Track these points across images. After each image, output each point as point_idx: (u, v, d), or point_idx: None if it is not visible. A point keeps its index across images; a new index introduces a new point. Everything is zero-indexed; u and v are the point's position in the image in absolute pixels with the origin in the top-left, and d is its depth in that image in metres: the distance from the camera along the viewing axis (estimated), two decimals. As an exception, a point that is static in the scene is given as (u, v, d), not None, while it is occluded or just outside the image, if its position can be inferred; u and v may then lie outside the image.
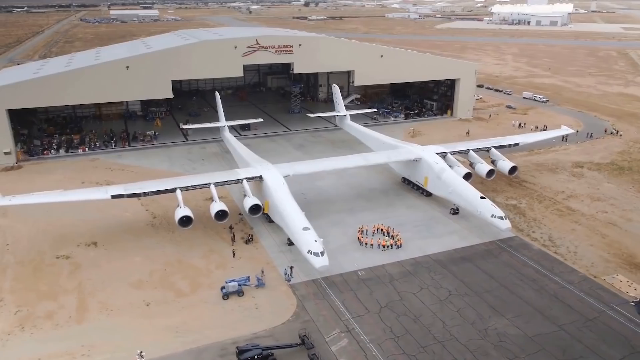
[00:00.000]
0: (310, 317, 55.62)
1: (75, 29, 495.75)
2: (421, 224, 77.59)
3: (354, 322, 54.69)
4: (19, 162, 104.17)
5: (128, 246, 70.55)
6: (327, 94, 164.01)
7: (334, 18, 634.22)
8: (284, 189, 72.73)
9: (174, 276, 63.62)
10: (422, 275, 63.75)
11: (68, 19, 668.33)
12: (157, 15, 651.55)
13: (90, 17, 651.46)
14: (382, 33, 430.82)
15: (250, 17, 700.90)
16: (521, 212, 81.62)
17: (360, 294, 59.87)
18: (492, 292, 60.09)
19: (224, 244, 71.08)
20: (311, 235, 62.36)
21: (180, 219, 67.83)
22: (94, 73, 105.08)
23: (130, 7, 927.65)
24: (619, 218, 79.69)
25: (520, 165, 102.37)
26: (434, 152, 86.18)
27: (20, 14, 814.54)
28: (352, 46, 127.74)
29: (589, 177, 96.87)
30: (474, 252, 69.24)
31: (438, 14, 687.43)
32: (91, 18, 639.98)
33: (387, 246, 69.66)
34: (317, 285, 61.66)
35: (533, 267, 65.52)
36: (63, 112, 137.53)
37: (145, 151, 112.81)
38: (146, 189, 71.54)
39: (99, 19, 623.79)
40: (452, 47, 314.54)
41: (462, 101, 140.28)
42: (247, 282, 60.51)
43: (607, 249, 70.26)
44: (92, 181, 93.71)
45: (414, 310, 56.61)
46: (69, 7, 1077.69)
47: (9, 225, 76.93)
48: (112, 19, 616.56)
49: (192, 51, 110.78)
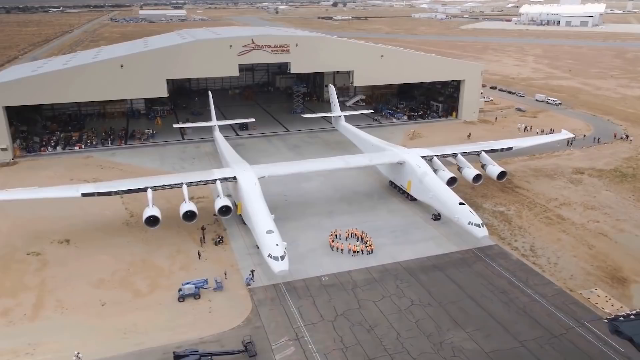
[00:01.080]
0: (262, 323, 54.15)
1: (103, 28, 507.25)
2: (399, 229, 75.17)
3: (305, 330, 52.95)
4: (15, 158, 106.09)
5: (98, 244, 70.47)
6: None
7: (359, 18, 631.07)
8: (256, 190, 71.45)
9: (135, 276, 63.12)
10: (388, 283, 61.49)
11: (99, 18, 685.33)
12: (185, 15, 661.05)
13: (120, 17, 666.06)
14: (404, 33, 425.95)
15: (276, 17, 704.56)
16: (507, 220, 78.23)
17: (318, 300, 58.07)
18: (457, 304, 57.39)
19: (193, 244, 70.31)
20: (273, 238, 60.84)
21: (147, 219, 67.34)
22: (88, 71, 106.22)
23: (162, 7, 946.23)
24: (610, 228, 75.48)
25: (517, 170, 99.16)
26: (418, 156, 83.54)
27: (55, 14, 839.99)
28: (352, 46, 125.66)
29: (587, 184, 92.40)
30: (447, 261, 66.52)
31: (466, 14, 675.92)
32: (121, 18, 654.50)
33: (357, 251, 67.62)
34: (277, 290, 60.15)
35: (506, 278, 62.42)
36: (68, 109, 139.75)
37: (140, 149, 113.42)
38: (117, 187, 71.44)
39: (128, 18, 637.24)
40: (473, 48, 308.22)
41: (467, 103, 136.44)
42: (205, 284, 59.47)
43: (591, 261, 66.49)
44: (81, 178, 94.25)
45: (370, 320, 54.49)
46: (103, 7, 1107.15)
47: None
48: (141, 19, 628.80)
49: (187, 50, 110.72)
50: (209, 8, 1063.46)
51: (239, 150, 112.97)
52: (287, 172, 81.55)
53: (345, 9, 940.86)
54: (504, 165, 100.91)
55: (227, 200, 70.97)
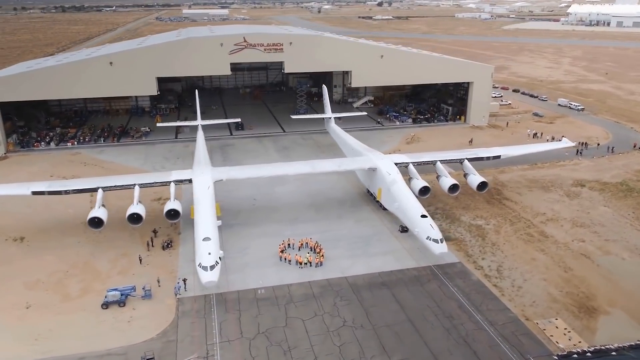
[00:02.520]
0: (177, 337, 51.05)
1: (146, 27, 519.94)
2: (361, 240, 70.37)
3: (218, 348, 49.44)
4: (7, 153, 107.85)
5: (50, 244, 69.45)
6: (342, 95, 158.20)
7: (399, 18, 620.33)
8: (207, 194, 68.52)
9: (71, 279, 61.43)
10: (326, 299, 57.07)
11: (146, 17, 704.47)
12: (227, 14, 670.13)
13: (166, 16, 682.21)
14: (441, 33, 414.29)
15: (317, 16, 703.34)
16: (482, 235, 71.87)
17: (245, 315, 54.41)
18: (393, 327, 52.34)
19: (142, 248, 68.13)
20: (208, 247, 57.59)
21: (91, 220, 65.62)
22: (77, 68, 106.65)
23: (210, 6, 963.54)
24: (596, 249, 67.89)
25: (511, 180, 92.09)
26: (392, 162, 78.29)
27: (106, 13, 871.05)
28: (349, 45, 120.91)
29: (585, 197, 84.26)
30: (399, 278, 61.32)
31: (512, 14, 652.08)
32: (166, 17, 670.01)
33: (304, 263, 63.48)
34: (206, 301, 56.92)
35: (458, 301, 56.70)
36: (75, 106, 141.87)
37: (129, 147, 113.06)
38: (68, 187, 70.27)
39: (172, 17, 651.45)
40: (507, 49, 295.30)
41: (475, 106, 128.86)
42: (132, 292, 57.06)
43: (562, 286, 59.63)
44: (60, 175, 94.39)
45: (291, 340, 50.34)
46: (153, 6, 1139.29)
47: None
48: (184, 18, 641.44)
49: (177, 48, 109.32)
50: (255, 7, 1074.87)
51: (227, 151, 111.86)
52: (247, 176, 78.29)
53: (390, 9, 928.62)
54: (500, 174, 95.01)
55: (176, 204, 68.42)
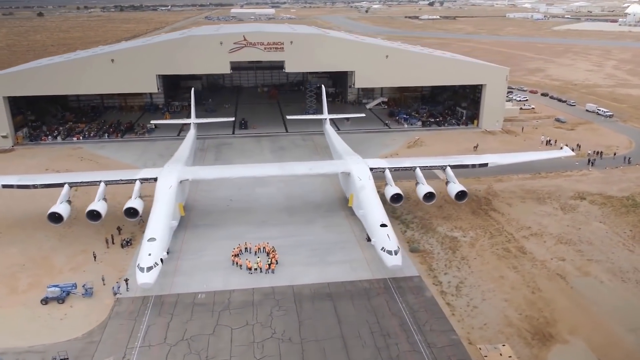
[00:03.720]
0: (101, 338, 50.30)
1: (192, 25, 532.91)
2: (323, 247, 67.57)
3: (136, 352, 48.27)
4: (15, 145, 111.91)
5: (18, 237, 70.66)
6: (357, 96, 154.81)
7: (447, 18, 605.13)
8: (167, 193, 67.78)
9: (24, 272, 62.16)
10: (264, 308, 54.83)
11: (196, 17, 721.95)
12: (273, 14, 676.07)
13: (214, 16, 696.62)
14: (486, 34, 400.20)
15: (363, 16, 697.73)
16: (454, 248, 67.36)
17: (176, 320, 53.04)
18: (322, 343, 49.46)
19: (102, 245, 68.19)
20: (149, 248, 56.85)
21: (51, 215, 66.25)
22: (80, 65, 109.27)
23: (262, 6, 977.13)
24: (574, 269, 62.05)
25: (506, 189, 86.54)
26: (367, 167, 74.86)
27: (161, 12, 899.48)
28: (353, 45, 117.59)
29: (581, 212, 77.61)
30: (348, 289, 58.18)
31: (567, 14, 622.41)
32: (214, 16, 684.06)
33: (253, 269, 61.47)
34: (143, 303, 55.98)
35: (402, 319, 53.01)
36: (92, 101, 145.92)
37: (129, 144, 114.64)
38: (37, 181, 71.42)
39: (220, 17, 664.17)
40: (550, 50, 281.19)
41: (488, 110, 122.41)
42: (73, 289, 56.97)
43: (523, 308, 54.70)
44: (55, 169, 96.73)
45: (212, 350, 48.50)
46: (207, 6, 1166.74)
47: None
48: (232, 17, 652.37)
49: (177, 46, 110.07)
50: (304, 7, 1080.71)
51: (222, 150, 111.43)
52: (214, 177, 77.26)
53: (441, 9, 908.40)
54: (497, 183, 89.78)
55: (136, 202, 68.06)
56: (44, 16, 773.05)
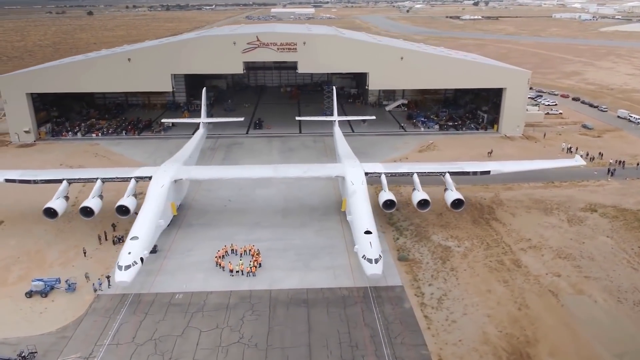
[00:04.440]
0: (73, 334, 51.18)
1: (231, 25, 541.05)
2: (310, 252, 66.67)
3: (103, 350, 48.83)
4: (37, 140, 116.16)
5: (19, 230, 72.84)
6: (377, 97, 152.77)
7: (489, 18, 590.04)
8: (158, 192, 68.43)
9: (17, 265, 64.10)
10: (237, 312, 54.48)
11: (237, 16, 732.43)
12: (312, 13, 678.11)
13: (255, 15, 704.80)
14: (527, 35, 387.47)
15: (404, 16, 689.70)
16: (445, 258, 65.07)
17: (148, 319, 53.40)
18: (287, 351, 48.62)
19: (95, 241, 69.52)
20: (130, 246, 57.53)
21: (46, 210, 68.05)
22: (99, 63, 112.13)
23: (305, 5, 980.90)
24: (568, 286, 58.71)
25: (513, 198, 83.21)
26: (361, 172, 73.39)
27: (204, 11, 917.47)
28: (367, 46, 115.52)
29: (588, 225, 73.50)
30: (326, 297, 57.07)
31: (618, 15, 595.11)
32: (255, 16, 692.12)
33: (235, 271, 61.26)
34: (122, 300, 56.67)
35: (374, 330, 51.50)
36: (117, 99, 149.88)
37: (144, 141, 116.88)
38: (38, 177, 73.56)
39: (260, 16, 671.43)
40: (592, 53, 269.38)
41: (508, 115, 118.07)
42: (56, 284, 58.33)
43: (504, 325, 52.14)
44: (68, 164, 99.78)
45: (177, 352, 48.50)
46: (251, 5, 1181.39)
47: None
48: (272, 17, 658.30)
49: (190, 46, 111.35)
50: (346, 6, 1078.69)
51: (232, 150, 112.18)
52: (209, 177, 77.67)
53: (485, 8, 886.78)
54: (505, 191, 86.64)
55: (128, 200, 69.09)
56: (94, 15, 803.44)
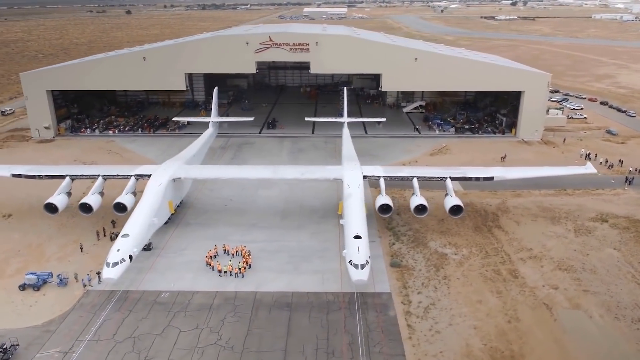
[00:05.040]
0: (57, 329, 52.10)
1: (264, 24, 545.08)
2: (302, 254, 66.11)
3: (83, 346, 49.48)
4: (56, 136, 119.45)
5: (25, 224, 74.74)
6: (396, 99, 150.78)
7: (525, 18, 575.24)
8: (156, 190, 68.95)
9: (16, 258, 65.79)
10: (219, 313, 54.37)
11: (270, 15, 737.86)
12: (345, 13, 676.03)
13: (287, 15, 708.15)
14: (563, 36, 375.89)
15: (437, 16, 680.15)
16: (439, 265, 63.34)
17: (132, 316, 53.88)
18: (262, 355, 48.15)
19: (93, 237, 70.75)
20: (120, 243, 58.08)
21: (47, 205, 69.61)
22: (115, 62, 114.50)
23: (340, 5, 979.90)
24: (565, 300, 56.19)
25: (520, 205, 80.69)
26: (360, 175, 72.26)
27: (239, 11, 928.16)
28: (380, 47, 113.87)
29: (596, 236, 70.27)
30: (311, 301, 56.34)
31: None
32: (287, 15, 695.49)
33: (223, 272, 61.22)
34: (109, 297, 57.39)
35: (353, 337, 50.46)
36: (139, 97, 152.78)
37: (157, 139, 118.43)
38: (43, 172, 75.37)
39: (292, 16, 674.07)
40: (629, 55, 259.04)
41: (527, 119, 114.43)
42: (49, 278, 59.59)
43: (490, 338, 50.25)
44: (81, 160, 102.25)
45: (153, 351, 48.69)
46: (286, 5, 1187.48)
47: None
48: (304, 16, 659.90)
49: (204, 46, 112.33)
50: (380, 6, 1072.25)
51: (243, 149, 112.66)
52: (206, 177, 78.36)
53: (523, 9, 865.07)
54: (514, 198, 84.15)
55: (125, 198, 69.96)
56: (132, 14, 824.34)
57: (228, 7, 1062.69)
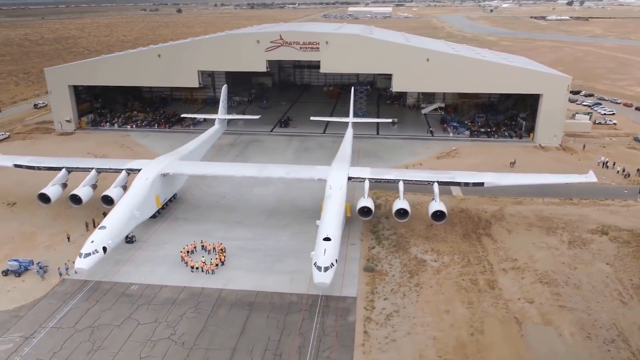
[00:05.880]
0: (26, 314, 54.10)
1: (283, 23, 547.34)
2: (278, 254, 65.84)
3: (43, 332, 51.12)
4: (77, 129, 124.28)
5: (26, 213, 78.09)
6: (416, 100, 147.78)
7: (578, 19, 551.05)
8: (141, 185, 70.43)
9: (8, 245, 68.79)
10: (181, 308, 54.87)
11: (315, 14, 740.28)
12: (389, 12, 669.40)
13: (332, 14, 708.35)
14: (615, 37, 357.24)
15: (486, 16, 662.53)
16: (414, 272, 61.52)
17: (97, 306, 55.27)
18: (210, 352, 48.21)
19: (83, 228, 72.92)
20: (94, 235, 59.78)
21: (40, 195, 72.42)
22: (132, 59, 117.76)
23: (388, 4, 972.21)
24: (537, 315, 53.26)
25: (517, 213, 77.49)
26: (345, 176, 71.22)
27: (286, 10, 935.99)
28: (391, 47, 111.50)
29: (591, 249, 66.22)
30: (273, 301, 55.99)
31: None
32: (331, 15, 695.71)
33: (195, 267, 61.78)
34: (82, 287, 59.08)
35: (305, 340, 49.67)
36: (163, 93, 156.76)
37: (170, 134, 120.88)
38: (42, 164, 78.48)
39: (337, 15, 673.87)
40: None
41: (545, 123, 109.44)
42: (29, 265, 61.97)
43: (447, 351, 48.29)
44: (93, 153, 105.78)
45: (108, 341, 49.70)
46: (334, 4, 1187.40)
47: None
48: (348, 15, 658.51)
49: (215, 43, 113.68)
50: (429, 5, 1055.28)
51: (250, 147, 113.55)
52: (193, 173, 79.09)
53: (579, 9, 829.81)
54: (512, 205, 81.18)
55: (113, 191, 71.85)
56: (182, 12, 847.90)
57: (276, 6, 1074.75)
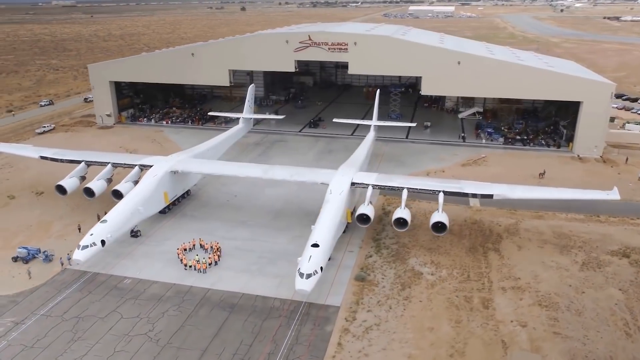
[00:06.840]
0: (23, 300, 56.90)
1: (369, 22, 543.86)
2: (272, 257, 65.66)
3: (31, 320, 53.54)
4: (116, 123, 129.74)
5: (49, 202, 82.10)
6: (455, 103, 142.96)
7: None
8: (148, 182, 72.30)
9: (25, 232, 72.78)
10: (164, 305, 55.86)
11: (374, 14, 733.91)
12: (451, 12, 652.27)
13: (392, 13, 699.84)
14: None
15: (555, 16, 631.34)
16: (406, 284, 59.33)
17: (88, 298, 57.29)
18: (183, 351, 48.69)
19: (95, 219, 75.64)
20: (95, 228, 61.96)
21: (57, 186, 75.97)
22: (167, 57, 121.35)
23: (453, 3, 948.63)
24: (527, 340, 49.75)
25: (535, 229, 73.56)
26: (347, 181, 69.72)
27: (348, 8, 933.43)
28: (421, 49, 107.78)
29: (606, 272, 61.13)
30: (255, 304, 55.81)
31: None
32: (392, 14, 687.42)
33: (188, 266, 62.63)
34: (79, 277, 61.43)
35: (277, 348, 49.06)
36: (203, 90, 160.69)
37: (203, 132, 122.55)
38: (64, 156, 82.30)
39: (396, 14, 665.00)
40: None
41: (584, 133, 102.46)
42: (37, 253, 65.16)
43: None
44: (125, 147, 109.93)
45: (89, 333, 51.36)
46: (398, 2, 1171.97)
47: (24, 166, 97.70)
48: (408, 15, 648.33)
49: (246, 43, 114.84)
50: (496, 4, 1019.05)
51: (273, 147, 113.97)
52: (199, 171, 79.89)
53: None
54: (530, 219, 77.11)
55: (123, 186, 74.13)
56: (245, 10, 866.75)
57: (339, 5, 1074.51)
